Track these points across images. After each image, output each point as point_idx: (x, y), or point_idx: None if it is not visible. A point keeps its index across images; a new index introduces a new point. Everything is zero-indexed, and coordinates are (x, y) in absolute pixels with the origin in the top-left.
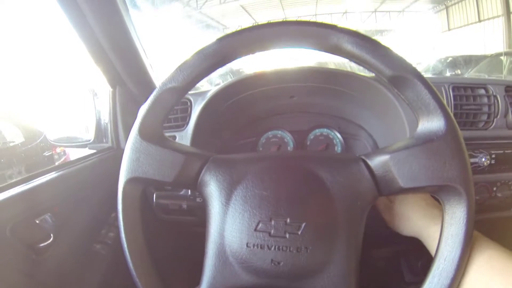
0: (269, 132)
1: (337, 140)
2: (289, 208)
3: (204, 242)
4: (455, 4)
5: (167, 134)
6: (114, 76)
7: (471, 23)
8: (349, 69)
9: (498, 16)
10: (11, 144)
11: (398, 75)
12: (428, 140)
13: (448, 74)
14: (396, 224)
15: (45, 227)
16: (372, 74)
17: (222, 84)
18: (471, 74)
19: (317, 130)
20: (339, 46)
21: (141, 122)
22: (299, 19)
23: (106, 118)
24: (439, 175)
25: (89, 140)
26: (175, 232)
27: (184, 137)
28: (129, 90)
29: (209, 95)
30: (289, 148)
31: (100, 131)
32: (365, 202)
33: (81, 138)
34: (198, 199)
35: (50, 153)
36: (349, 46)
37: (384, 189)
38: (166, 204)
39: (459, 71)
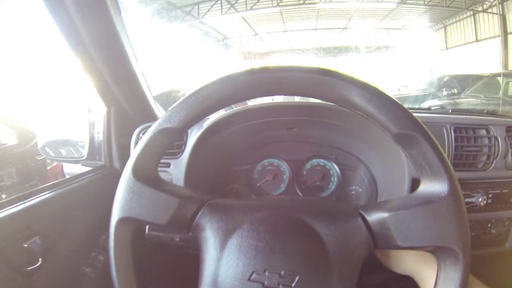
0: (265, 160)
1: (334, 171)
2: (283, 261)
3: (197, 264)
4: (453, 23)
5: (162, 161)
6: (109, 96)
7: (469, 43)
8: None
9: (495, 37)
10: (3, 146)
11: (405, 133)
12: (429, 201)
13: (444, 93)
14: (390, 263)
15: (34, 251)
16: None
17: (220, 115)
18: (467, 93)
19: (314, 160)
20: (346, 98)
21: (135, 162)
22: (303, 64)
23: (100, 135)
24: (437, 236)
25: (82, 157)
26: (167, 253)
27: (179, 164)
28: (124, 110)
29: (206, 125)
30: (284, 177)
31: (93, 148)
32: (360, 255)
33: (74, 154)
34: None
35: (43, 157)
36: (356, 99)
37: (381, 244)
38: (158, 235)
39: (455, 90)
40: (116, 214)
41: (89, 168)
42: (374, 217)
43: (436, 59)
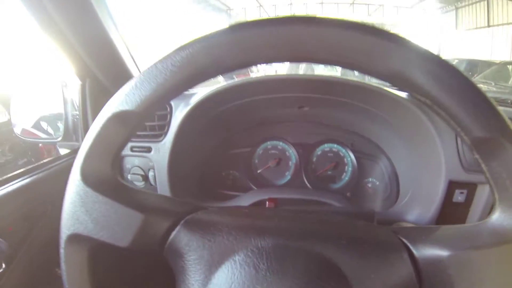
0: (268, 142)
1: (349, 159)
2: None
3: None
4: (465, 6)
5: (141, 145)
6: (82, 67)
7: (480, 27)
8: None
9: (508, 24)
10: None
11: (490, 139)
12: (509, 240)
13: None
14: None
15: None
16: (403, 94)
17: (214, 88)
18: (477, 79)
19: (326, 145)
20: (407, 75)
21: (83, 162)
22: (326, 15)
23: (76, 113)
24: None
25: (58, 138)
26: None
27: (162, 149)
28: (101, 83)
29: (195, 100)
30: (290, 163)
31: (69, 128)
32: None
33: (51, 135)
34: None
35: None
36: (425, 80)
37: (429, 286)
38: None
39: None
40: (64, 230)
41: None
42: (425, 252)
43: (445, 41)
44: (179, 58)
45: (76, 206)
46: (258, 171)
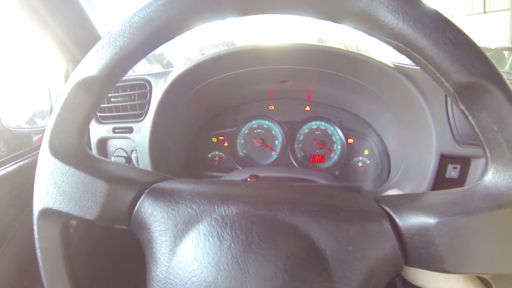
0: (253, 122)
1: (337, 137)
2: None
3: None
4: None
5: (122, 125)
6: (63, 51)
7: (476, 13)
8: (358, 50)
9: (505, 10)
10: None
11: (474, 84)
12: (505, 204)
13: None
14: (409, 275)
15: None
16: (390, 61)
17: (190, 63)
18: None
19: (313, 123)
20: (367, 14)
21: (51, 133)
22: None
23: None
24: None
25: (45, 126)
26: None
27: (143, 129)
28: None
29: (172, 76)
30: (276, 142)
31: None
32: (383, 277)
33: (37, 124)
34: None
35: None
36: (388, 18)
37: (416, 261)
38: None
39: None
40: (36, 205)
41: None
42: (409, 221)
43: None
44: (137, 18)
45: (46, 179)
46: (244, 151)
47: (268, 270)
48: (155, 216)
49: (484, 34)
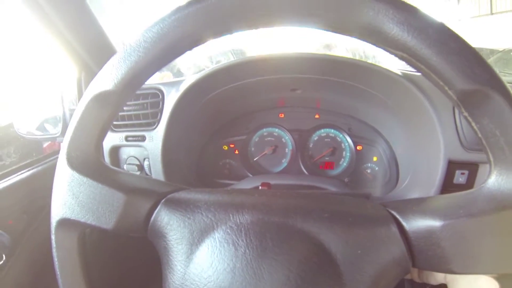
0: (264, 130)
1: (346, 144)
2: None
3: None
4: None
5: (135, 134)
6: (77, 61)
7: (483, 15)
8: (366, 56)
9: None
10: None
11: (476, 90)
12: (508, 205)
13: None
14: (419, 275)
15: None
16: (398, 69)
17: (202, 73)
18: None
19: (322, 131)
20: (377, 25)
21: (68, 146)
22: None
23: (74, 107)
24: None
25: (57, 133)
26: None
27: (155, 137)
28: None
29: (185, 85)
30: (286, 150)
31: (66, 123)
32: (392, 279)
33: (49, 131)
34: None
35: None
36: (394, 29)
37: (422, 264)
38: None
39: None
40: (53, 215)
41: None
42: (415, 224)
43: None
44: (151, 34)
45: (63, 190)
46: (255, 159)
47: (281, 274)
48: (172, 225)
49: (492, 36)
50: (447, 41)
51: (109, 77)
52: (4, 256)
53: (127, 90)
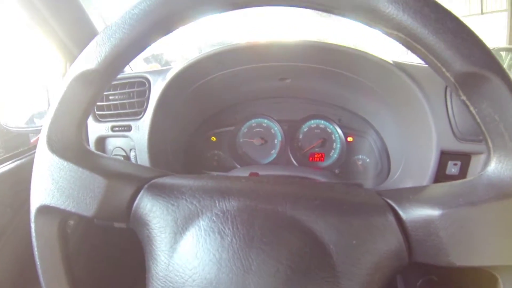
0: (253, 120)
1: (336, 135)
2: (260, 284)
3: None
4: None
5: (121, 124)
6: (63, 51)
7: (473, 15)
8: (357, 47)
9: (502, 11)
10: None
11: (475, 74)
12: (509, 193)
13: None
14: None
15: None
16: (388, 58)
17: (189, 60)
18: None
19: (312, 121)
20: (368, 5)
21: (49, 128)
22: None
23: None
24: None
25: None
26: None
27: (141, 127)
28: None
29: (171, 73)
30: (276, 141)
31: None
32: (387, 272)
33: (35, 123)
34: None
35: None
36: (389, 8)
37: (420, 256)
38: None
39: None
40: (33, 202)
41: None
42: (413, 214)
43: None
44: (137, 11)
45: (43, 175)
46: (243, 150)
47: (270, 265)
48: (155, 212)
49: (482, 35)
50: (445, 20)
51: (92, 56)
52: None
53: (111, 69)
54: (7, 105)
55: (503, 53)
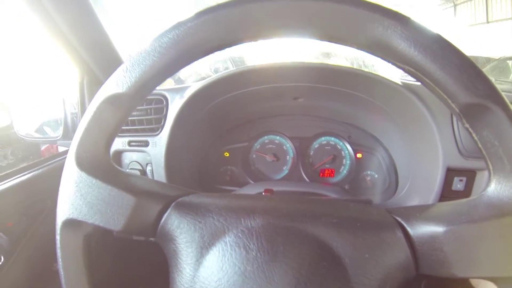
0: (265, 137)
1: (346, 152)
2: None
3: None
4: (464, 2)
5: (138, 139)
6: (80, 65)
7: (479, 24)
8: (365, 64)
9: (507, 19)
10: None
11: (478, 104)
12: (507, 212)
13: None
14: None
15: None
16: (398, 78)
17: (207, 80)
18: None
19: (323, 138)
20: (385, 41)
21: (78, 146)
22: None
23: (75, 111)
24: None
25: (58, 136)
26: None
27: (158, 143)
28: (99, 80)
29: (189, 92)
30: (288, 157)
31: (67, 126)
32: (396, 284)
33: (48, 134)
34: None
35: None
36: (404, 45)
37: (426, 268)
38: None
39: None
40: (59, 215)
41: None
42: (420, 230)
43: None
44: (166, 39)
45: (71, 191)
46: (256, 166)
47: (292, 277)
48: (182, 228)
49: (488, 44)
50: (451, 57)
51: (122, 80)
52: (2, 257)
53: (140, 93)
54: (21, 112)
55: (509, 62)
